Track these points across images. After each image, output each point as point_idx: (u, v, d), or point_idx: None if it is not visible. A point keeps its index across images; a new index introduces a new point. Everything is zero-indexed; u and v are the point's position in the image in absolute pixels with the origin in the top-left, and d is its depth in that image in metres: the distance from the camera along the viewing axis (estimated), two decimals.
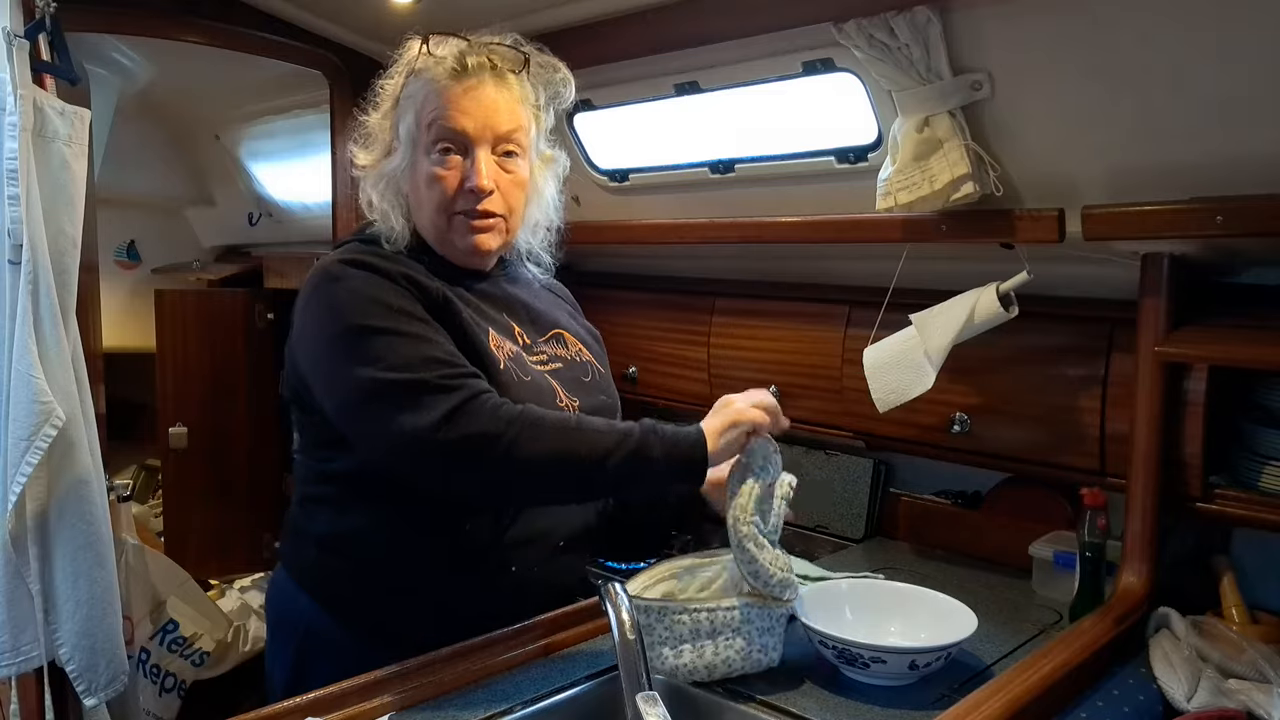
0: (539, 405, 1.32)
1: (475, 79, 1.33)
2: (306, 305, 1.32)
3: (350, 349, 1.23)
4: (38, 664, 1.70)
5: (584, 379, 1.45)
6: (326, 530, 1.37)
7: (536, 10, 1.80)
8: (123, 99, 2.97)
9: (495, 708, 1.26)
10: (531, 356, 1.39)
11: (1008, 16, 1.33)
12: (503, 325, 1.39)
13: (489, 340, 1.33)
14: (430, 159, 1.34)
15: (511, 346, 1.36)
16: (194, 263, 3.87)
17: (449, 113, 1.32)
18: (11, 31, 1.58)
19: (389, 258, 1.33)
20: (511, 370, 1.32)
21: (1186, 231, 1.36)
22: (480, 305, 1.38)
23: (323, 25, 2.18)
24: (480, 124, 1.33)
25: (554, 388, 1.38)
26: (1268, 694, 1.27)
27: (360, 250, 1.35)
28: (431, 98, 1.33)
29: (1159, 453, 1.48)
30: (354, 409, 1.25)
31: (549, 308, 1.52)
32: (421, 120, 1.34)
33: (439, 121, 1.32)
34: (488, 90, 1.33)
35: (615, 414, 1.49)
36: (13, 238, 1.59)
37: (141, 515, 3.24)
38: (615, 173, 2.14)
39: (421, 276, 1.31)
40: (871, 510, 2.10)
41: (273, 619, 1.49)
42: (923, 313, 1.67)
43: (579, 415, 1.31)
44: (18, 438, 1.61)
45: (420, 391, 1.19)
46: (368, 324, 1.23)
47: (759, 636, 1.33)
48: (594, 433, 1.24)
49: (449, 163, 1.33)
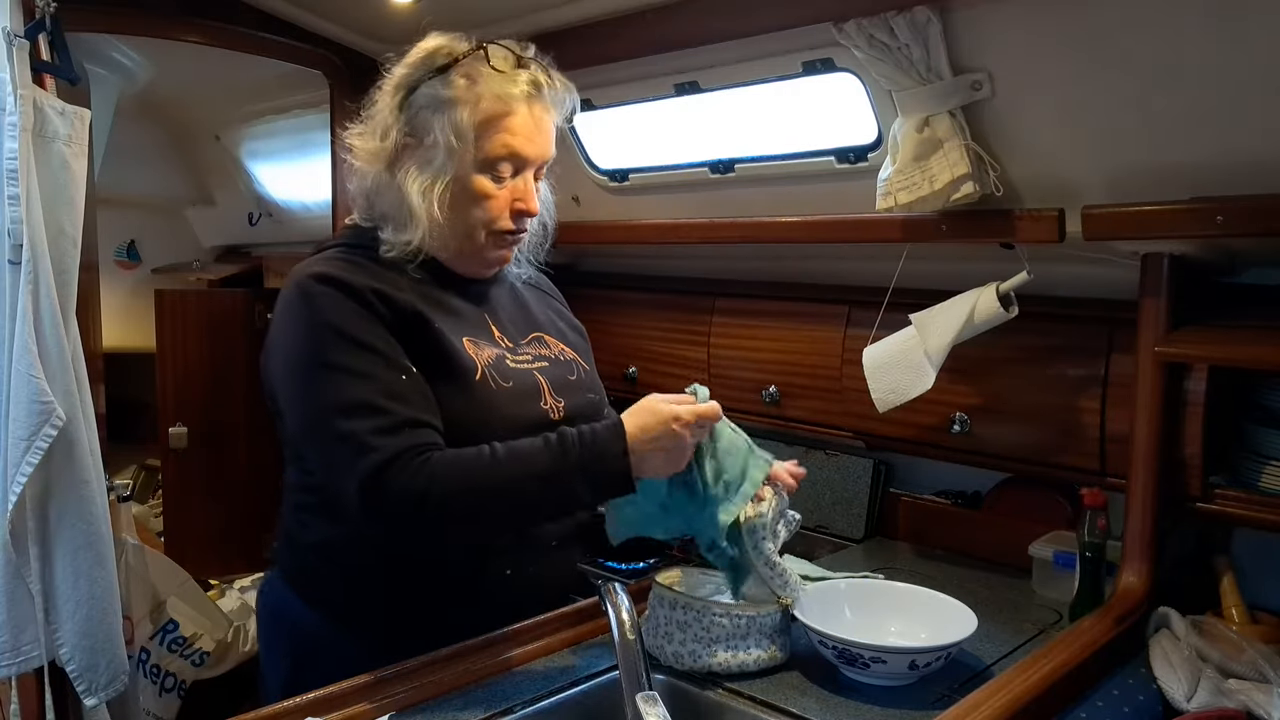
0: (523, 406, 1.32)
1: (541, 105, 1.32)
2: (277, 320, 1.31)
3: (303, 381, 1.25)
4: (38, 664, 1.71)
5: (570, 377, 1.43)
6: (320, 538, 1.36)
7: (536, 10, 1.80)
8: (123, 99, 2.97)
9: (495, 708, 1.26)
10: (515, 357, 1.38)
11: (1008, 16, 1.33)
12: (484, 329, 1.38)
13: (465, 347, 1.31)
14: (486, 176, 1.31)
15: (492, 350, 1.35)
16: (194, 263, 3.87)
17: (518, 139, 1.30)
18: (11, 31, 1.58)
19: (366, 269, 1.30)
20: (490, 377, 1.31)
21: (1186, 231, 1.36)
22: (462, 310, 1.36)
23: (323, 25, 2.18)
24: (539, 151, 1.33)
25: (540, 386, 1.37)
26: (1268, 694, 1.27)
27: (339, 259, 1.32)
28: (500, 118, 1.29)
29: (1159, 453, 1.48)
30: (305, 444, 1.30)
31: (532, 307, 1.50)
32: (482, 135, 1.29)
33: (508, 145, 1.30)
34: (547, 118, 1.34)
35: (604, 409, 1.48)
36: (13, 238, 1.59)
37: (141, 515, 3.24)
38: (615, 173, 2.14)
39: (392, 289, 1.28)
40: (871, 510, 2.10)
41: (267, 625, 1.48)
42: (923, 313, 1.67)
43: (504, 445, 1.23)
44: (18, 438, 1.61)
45: (354, 443, 1.19)
46: (321, 358, 1.23)
47: (779, 636, 1.40)
48: (515, 461, 1.21)
49: (503, 183, 1.32)
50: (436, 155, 1.30)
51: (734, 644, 1.36)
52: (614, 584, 1.16)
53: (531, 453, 1.22)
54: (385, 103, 1.34)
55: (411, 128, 1.31)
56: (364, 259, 1.33)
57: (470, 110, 1.28)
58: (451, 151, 1.29)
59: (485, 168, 1.31)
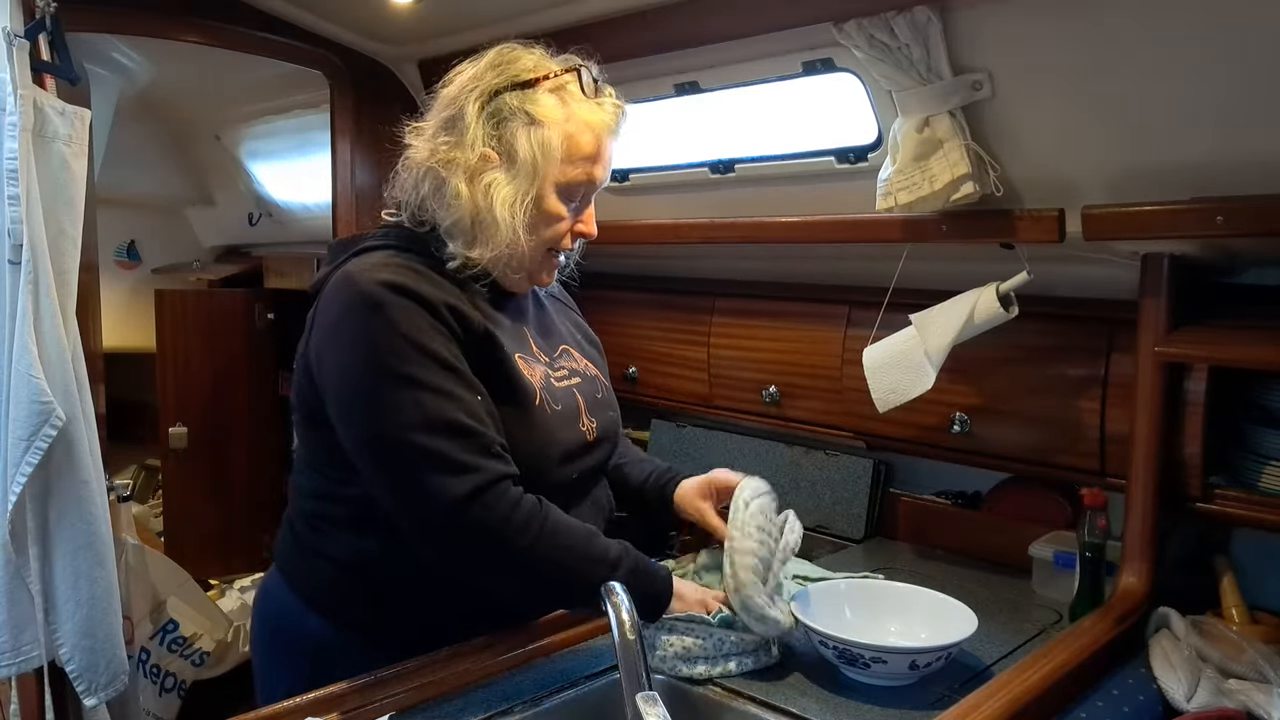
0: (569, 430, 1.33)
1: (615, 137, 1.33)
2: (338, 326, 1.23)
3: (375, 394, 1.19)
4: (38, 664, 1.71)
5: (598, 395, 1.43)
6: (346, 553, 1.31)
7: (536, 10, 1.80)
8: (123, 99, 2.97)
9: (495, 708, 1.26)
10: (555, 373, 1.37)
11: (1008, 16, 1.33)
12: (528, 346, 1.36)
13: (521, 369, 1.29)
14: (561, 198, 1.30)
15: (541, 370, 1.34)
16: (194, 263, 3.87)
17: (598, 167, 1.31)
18: (11, 31, 1.58)
19: (434, 280, 1.25)
20: (545, 402, 1.30)
21: (1186, 231, 1.36)
22: (507, 326, 1.34)
23: (323, 25, 2.18)
24: (606, 178, 1.35)
25: (579, 406, 1.37)
26: (1268, 694, 1.27)
27: (403, 266, 1.25)
28: (588, 144, 1.29)
29: (1159, 453, 1.48)
30: (370, 458, 1.22)
31: (555, 319, 1.50)
32: (568, 159, 1.28)
33: (590, 171, 1.30)
34: (615, 146, 1.34)
35: (619, 425, 1.49)
36: (13, 238, 1.59)
37: (141, 515, 3.24)
38: (615, 173, 2.13)
39: (465, 305, 1.25)
40: (871, 510, 2.10)
41: (269, 633, 1.43)
42: (923, 313, 1.67)
43: (590, 530, 1.28)
44: (18, 438, 1.61)
45: (439, 463, 1.16)
46: (398, 371, 1.17)
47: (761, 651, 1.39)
48: (595, 557, 1.25)
49: (573, 207, 1.33)
50: (522, 171, 1.27)
51: (715, 661, 1.36)
52: (614, 584, 1.15)
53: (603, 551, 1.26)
54: (467, 108, 1.27)
55: (499, 139, 1.27)
56: (425, 267, 1.27)
57: (559, 132, 1.27)
58: (536, 169, 1.27)
59: (563, 190, 1.30)
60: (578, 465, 1.35)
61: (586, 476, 1.39)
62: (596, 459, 1.41)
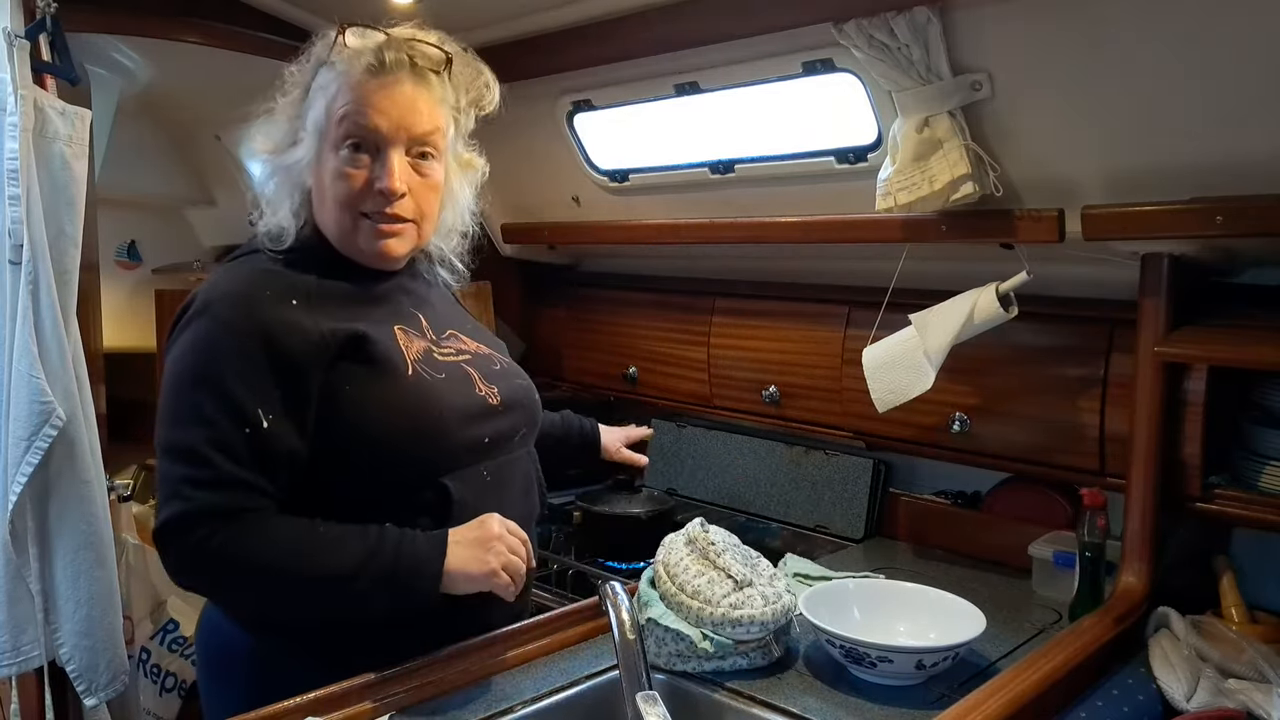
0: (461, 394, 1.29)
1: (393, 76, 1.24)
2: (174, 328, 1.27)
3: (164, 403, 1.24)
4: (38, 664, 1.70)
5: (494, 368, 1.39)
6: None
7: (536, 10, 1.80)
8: (123, 99, 2.96)
9: (495, 708, 1.26)
10: (439, 349, 1.34)
11: (1008, 16, 1.33)
12: (412, 320, 1.34)
13: (399, 339, 1.27)
14: (339, 155, 1.25)
15: (421, 344, 1.31)
16: (195, 263, 3.86)
17: (362, 109, 1.23)
18: (12, 31, 1.58)
19: (277, 282, 1.24)
20: (421, 372, 1.27)
21: (1186, 231, 1.36)
22: (385, 300, 1.32)
23: (323, 26, 2.17)
24: (395, 123, 1.24)
25: (470, 375, 1.33)
26: (1267, 694, 1.27)
27: (247, 272, 1.26)
28: (344, 92, 1.25)
29: (1159, 453, 1.48)
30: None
31: (445, 308, 1.46)
32: (332, 114, 1.25)
33: (351, 117, 1.24)
34: (405, 89, 1.25)
35: (535, 395, 1.45)
36: (13, 238, 1.59)
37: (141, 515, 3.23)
38: (615, 173, 2.14)
39: (304, 304, 1.22)
40: (871, 510, 2.10)
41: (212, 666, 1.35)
42: (922, 313, 1.67)
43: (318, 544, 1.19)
44: (18, 438, 1.61)
45: (162, 485, 1.21)
46: (177, 388, 1.23)
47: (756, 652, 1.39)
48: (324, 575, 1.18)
49: (358, 161, 1.25)
50: (309, 142, 1.29)
51: (709, 662, 1.36)
52: (614, 584, 1.16)
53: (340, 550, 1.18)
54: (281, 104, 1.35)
55: (302, 123, 1.31)
56: (280, 270, 1.27)
57: (329, 94, 1.27)
58: (321, 137, 1.27)
59: (338, 145, 1.26)
60: (485, 428, 1.30)
61: (502, 441, 1.34)
62: (510, 423, 1.36)
